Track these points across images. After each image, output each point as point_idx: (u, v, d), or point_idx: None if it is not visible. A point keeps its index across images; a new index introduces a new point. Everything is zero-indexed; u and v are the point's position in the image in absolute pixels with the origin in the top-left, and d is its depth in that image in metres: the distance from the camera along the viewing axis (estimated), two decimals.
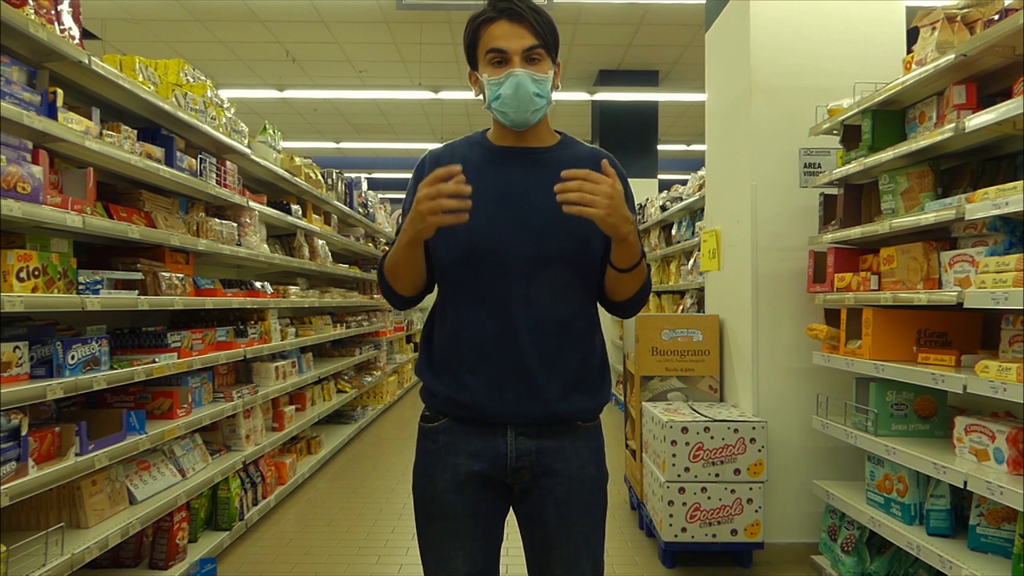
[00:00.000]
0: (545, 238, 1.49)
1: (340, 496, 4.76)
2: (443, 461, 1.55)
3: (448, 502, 1.54)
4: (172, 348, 3.18)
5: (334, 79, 9.48)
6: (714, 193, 4.23)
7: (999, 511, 2.25)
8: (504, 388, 1.50)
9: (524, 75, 1.48)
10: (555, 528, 1.55)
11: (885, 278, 2.69)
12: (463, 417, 1.55)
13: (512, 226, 1.50)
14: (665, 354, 3.92)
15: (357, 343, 7.50)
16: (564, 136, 1.66)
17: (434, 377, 1.58)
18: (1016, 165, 2.44)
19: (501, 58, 1.49)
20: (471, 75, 1.59)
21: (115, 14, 7.26)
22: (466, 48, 1.58)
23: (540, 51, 1.50)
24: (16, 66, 2.36)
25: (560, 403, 1.53)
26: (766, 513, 3.34)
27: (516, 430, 1.53)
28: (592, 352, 1.60)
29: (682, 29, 7.74)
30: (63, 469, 2.36)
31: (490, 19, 1.51)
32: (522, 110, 1.50)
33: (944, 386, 2.25)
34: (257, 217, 4.28)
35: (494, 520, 1.59)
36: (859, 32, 3.52)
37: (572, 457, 1.56)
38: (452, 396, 1.54)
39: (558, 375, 1.53)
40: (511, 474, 1.54)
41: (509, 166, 1.56)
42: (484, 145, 1.61)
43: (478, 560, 1.55)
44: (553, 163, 1.56)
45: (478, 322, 1.52)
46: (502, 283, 1.50)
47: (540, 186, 1.52)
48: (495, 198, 1.51)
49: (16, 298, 2.17)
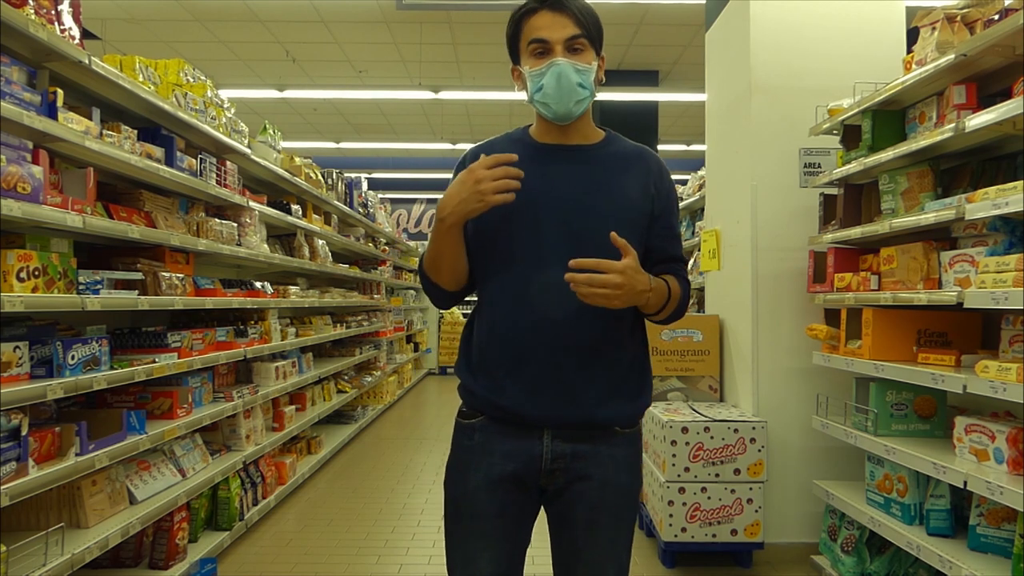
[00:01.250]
0: (585, 240, 1.46)
1: (340, 496, 4.76)
2: (477, 459, 1.55)
3: (480, 500, 1.53)
4: (172, 348, 3.18)
5: (334, 79, 9.47)
6: (714, 193, 4.23)
7: (999, 511, 2.25)
8: (542, 392, 1.49)
9: (566, 64, 1.45)
10: (583, 532, 1.54)
11: (885, 278, 2.69)
12: (500, 417, 1.54)
13: (553, 227, 1.49)
14: (665, 354, 3.91)
15: (357, 343, 7.49)
16: (609, 132, 1.64)
17: (472, 377, 1.57)
18: (1016, 165, 2.44)
19: (543, 48, 1.47)
20: (514, 70, 1.56)
21: (115, 14, 7.26)
22: (508, 43, 1.55)
23: (583, 41, 1.48)
24: (16, 66, 2.36)
25: (598, 408, 1.52)
26: (766, 513, 3.34)
27: (553, 433, 1.52)
28: (632, 356, 1.58)
29: (682, 29, 7.74)
30: (63, 469, 2.36)
31: (532, 10, 1.49)
32: (565, 101, 1.47)
33: (944, 386, 2.25)
34: (257, 217, 4.28)
35: (523, 523, 1.58)
36: (859, 32, 3.52)
37: (607, 463, 1.54)
38: (490, 397, 1.53)
39: (597, 380, 1.51)
40: (545, 476, 1.53)
41: (552, 164, 1.54)
42: (526, 142, 1.59)
43: (503, 562, 1.54)
44: (597, 162, 1.55)
45: (517, 324, 1.51)
46: (542, 286, 1.48)
47: (582, 185, 1.51)
48: (536, 198, 1.49)
49: (16, 298, 2.17)
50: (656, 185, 1.58)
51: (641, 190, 1.55)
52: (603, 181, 1.53)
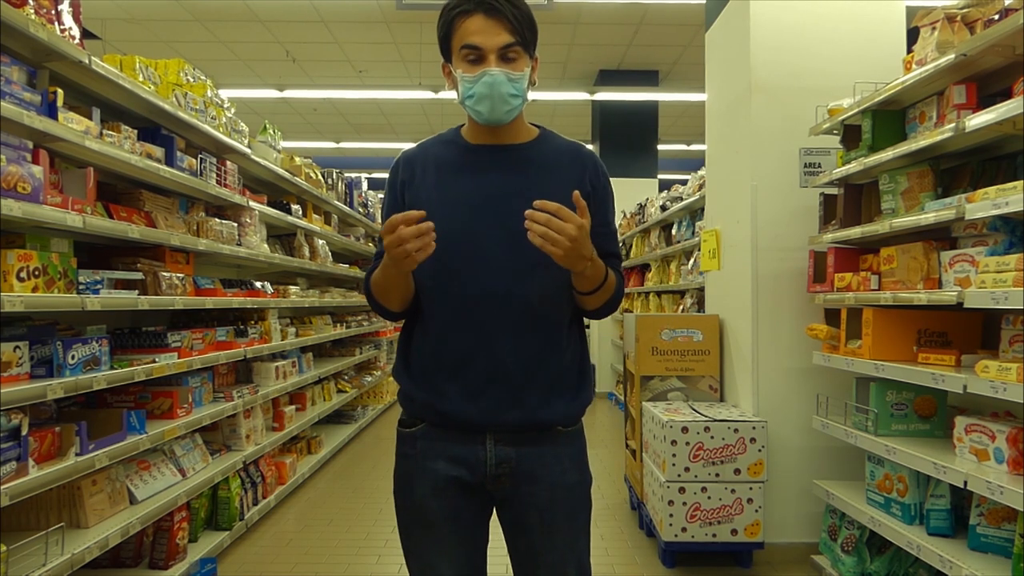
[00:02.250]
0: (522, 241, 1.41)
1: (340, 496, 4.76)
2: (421, 467, 1.53)
3: (429, 508, 1.52)
4: (172, 348, 3.18)
5: (334, 79, 9.47)
6: (714, 193, 4.23)
7: (999, 511, 2.25)
8: (483, 395, 1.48)
9: (499, 74, 1.43)
10: (539, 536, 1.52)
11: (885, 278, 2.69)
12: (442, 423, 1.52)
13: (488, 229, 1.47)
14: (665, 354, 3.91)
15: (357, 343, 7.50)
16: (543, 130, 1.62)
17: (411, 382, 1.55)
18: (1016, 165, 2.44)
19: (476, 55, 1.44)
20: (444, 67, 1.53)
21: (115, 14, 7.26)
22: (439, 37, 1.51)
23: (517, 49, 1.45)
24: (16, 66, 2.36)
25: (540, 409, 1.50)
26: (766, 513, 3.34)
27: (495, 437, 1.50)
28: (572, 356, 1.57)
29: (682, 29, 7.74)
30: (63, 469, 2.35)
31: (465, 12, 1.44)
32: (497, 109, 1.46)
33: (944, 386, 2.25)
34: (257, 217, 4.28)
35: (477, 525, 1.56)
36: (859, 32, 3.52)
37: (553, 463, 1.53)
38: (431, 402, 1.51)
39: (537, 381, 1.50)
40: (491, 481, 1.51)
41: (484, 166, 1.53)
42: (458, 143, 1.58)
43: (464, 565, 1.53)
44: (530, 160, 1.54)
45: (455, 327, 1.49)
46: (479, 287, 1.47)
47: (516, 186, 1.49)
48: (470, 200, 1.48)
49: (16, 298, 2.16)
50: (591, 181, 1.56)
51: (575, 187, 1.47)
52: (535, 179, 1.51)
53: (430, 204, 1.44)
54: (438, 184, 1.53)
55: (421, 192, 1.53)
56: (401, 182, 1.57)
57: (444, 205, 1.48)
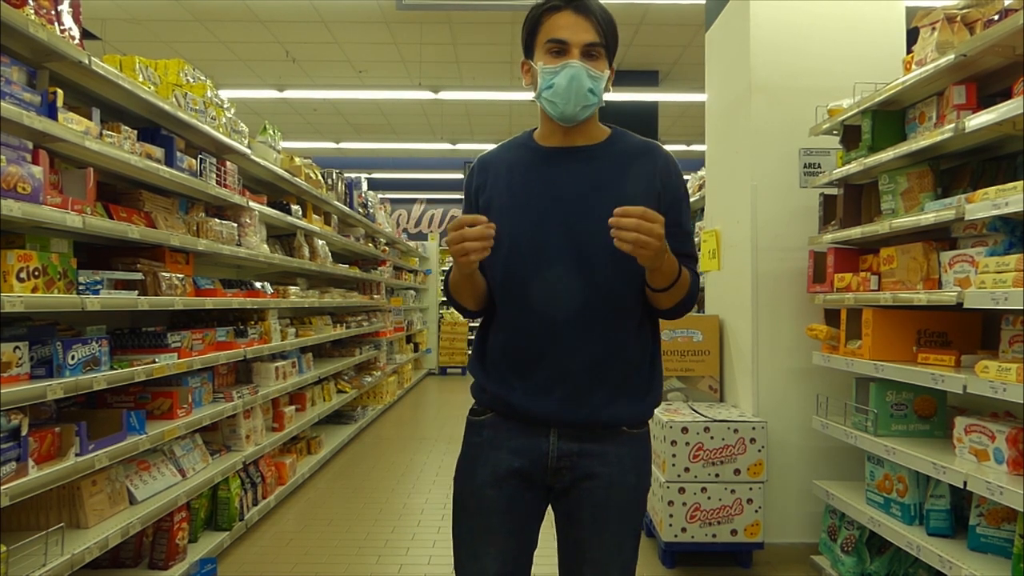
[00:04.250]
0: (592, 241, 1.46)
1: (340, 496, 4.76)
2: (485, 455, 1.57)
3: (486, 496, 1.55)
4: (172, 348, 3.18)
5: (334, 79, 9.47)
6: (714, 193, 4.23)
7: (999, 511, 2.25)
8: (550, 392, 1.51)
9: (581, 67, 1.45)
10: (589, 531, 1.54)
11: (885, 278, 2.69)
12: (508, 414, 1.56)
13: (558, 230, 1.49)
14: (665, 354, 3.91)
15: (357, 343, 7.49)
16: (615, 129, 1.63)
17: (484, 374, 1.60)
18: (1016, 165, 2.44)
19: (560, 48, 1.47)
20: (524, 64, 1.56)
21: (115, 14, 7.26)
22: (524, 35, 1.53)
23: (600, 49, 1.48)
24: (16, 66, 2.36)
25: (605, 409, 1.52)
26: (766, 513, 3.34)
27: (560, 432, 1.53)
28: (642, 357, 1.58)
29: (682, 29, 7.74)
30: (63, 469, 2.35)
31: (555, 7, 1.48)
32: (573, 103, 1.47)
33: (944, 386, 2.25)
34: (257, 217, 4.28)
35: (530, 520, 1.58)
36: (859, 32, 3.52)
37: (614, 462, 1.54)
38: (500, 395, 1.56)
39: (604, 380, 1.52)
40: (552, 474, 1.54)
41: (555, 168, 1.54)
42: (530, 147, 1.60)
43: (509, 561, 1.55)
44: (602, 159, 1.54)
45: (527, 325, 1.52)
46: (549, 287, 1.49)
47: (587, 187, 1.51)
48: (540, 203, 1.50)
49: (16, 298, 2.16)
50: (663, 180, 1.56)
51: (646, 186, 1.53)
52: (606, 180, 1.52)
53: (501, 208, 1.50)
54: (509, 188, 1.56)
55: (494, 196, 1.57)
56: (476, 187, 1.61)
57: (515, 209, 1.52)
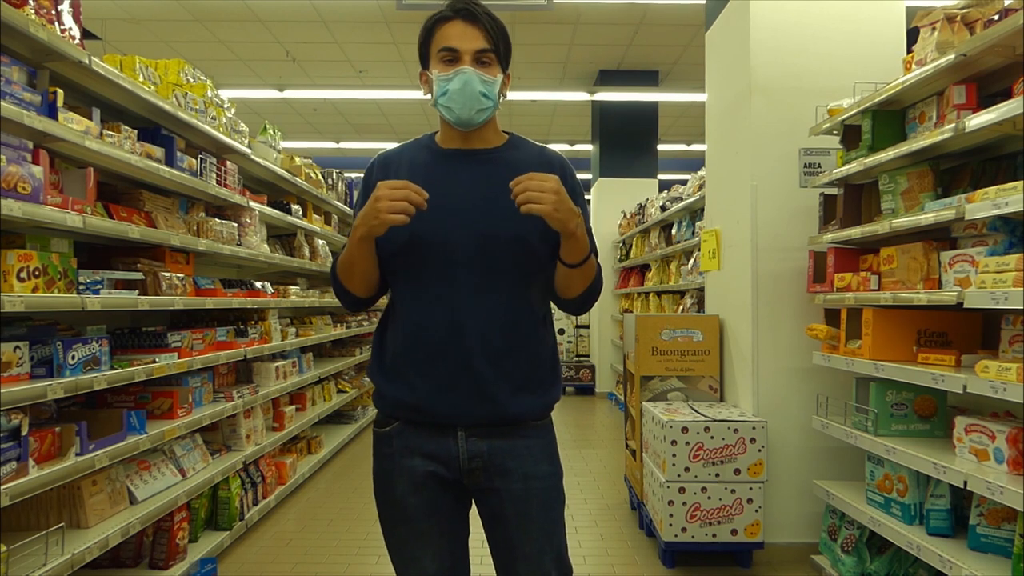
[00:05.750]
0: (491, 238, 1.50)
1: (340, 496, 4.76)
2: (399, 465, 1.57)
3: (409, 504, 1.56)
4: (172, 348, 3.18)
5: (334, 79, 9.47)
6: (714, 193, 4.23)
7: (999, 511, 2.25)
8: (453, 390, 1.52)
9: (473, 73, 1.50)
10: (515, 527, 1.56)
11: (885, 278, 2.69)
12: (414, 419, 1.56)
13: (458, 227, 1.51)
14: (665, 354, 3.92)
15: (357, 343, 7.50)
16: (512, 136, 1.67)
17: (384, 379, 1.59)
18: (1016, 165, 2.44)
19: (452, 56, 1.51)
20: (421, 75, 1.61)
21: (115, 14, 7.26)
22: (420, 48, 1.59)
23: (491, 55, 1.53)
24: (16, 66, 2.36)
25: (510, 404, 1.54)
26: (766, 513, 3.35)
27: (467, 432, 1.54)
28: (542, 351, 1.61)
29: (682, 29, 7.74)
30: (63, 469, 2.36)
31: (445, 18, 1.53)
32: (468, 108, 1.51)
33: (944, 386, 2.25)
34: (257, 217, 4.28)
35: (456, 518, 1.61)
36: (859, 32, 3.52)
37: (525, 455, 1.57)
38: (401, 398, 1.55)
39: (507, 376, 1.53)
40: (466, 475, 1.55)
41: (455, 168, 1.58)
42: (431, 148, 1.63)
43: (446, 558, 1.58)
44: (498, 163, 1.58)
45: (427, 324, 1.53)
46: (449, 284, 1.51)
47: (485, 187, 1.54)
48: (440, 200, 1.51)
49: (16, 298, 2.17)
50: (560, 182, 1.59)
51: None
52: (505, 182, 1.52)
53: None
54: None
55: None
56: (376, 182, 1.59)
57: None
